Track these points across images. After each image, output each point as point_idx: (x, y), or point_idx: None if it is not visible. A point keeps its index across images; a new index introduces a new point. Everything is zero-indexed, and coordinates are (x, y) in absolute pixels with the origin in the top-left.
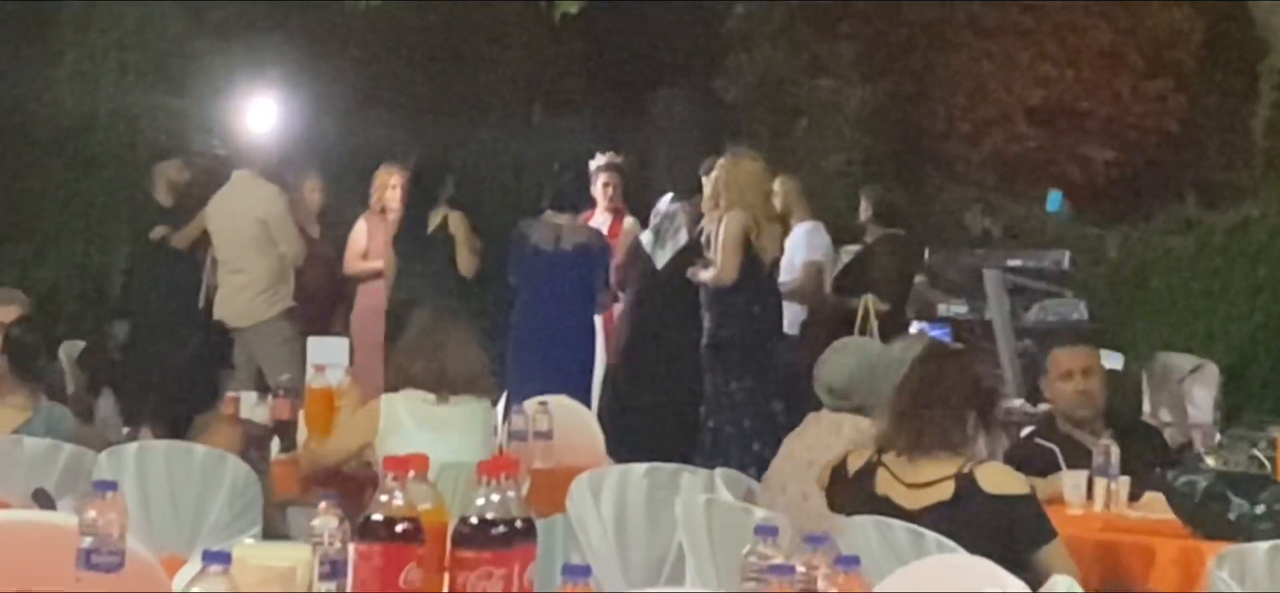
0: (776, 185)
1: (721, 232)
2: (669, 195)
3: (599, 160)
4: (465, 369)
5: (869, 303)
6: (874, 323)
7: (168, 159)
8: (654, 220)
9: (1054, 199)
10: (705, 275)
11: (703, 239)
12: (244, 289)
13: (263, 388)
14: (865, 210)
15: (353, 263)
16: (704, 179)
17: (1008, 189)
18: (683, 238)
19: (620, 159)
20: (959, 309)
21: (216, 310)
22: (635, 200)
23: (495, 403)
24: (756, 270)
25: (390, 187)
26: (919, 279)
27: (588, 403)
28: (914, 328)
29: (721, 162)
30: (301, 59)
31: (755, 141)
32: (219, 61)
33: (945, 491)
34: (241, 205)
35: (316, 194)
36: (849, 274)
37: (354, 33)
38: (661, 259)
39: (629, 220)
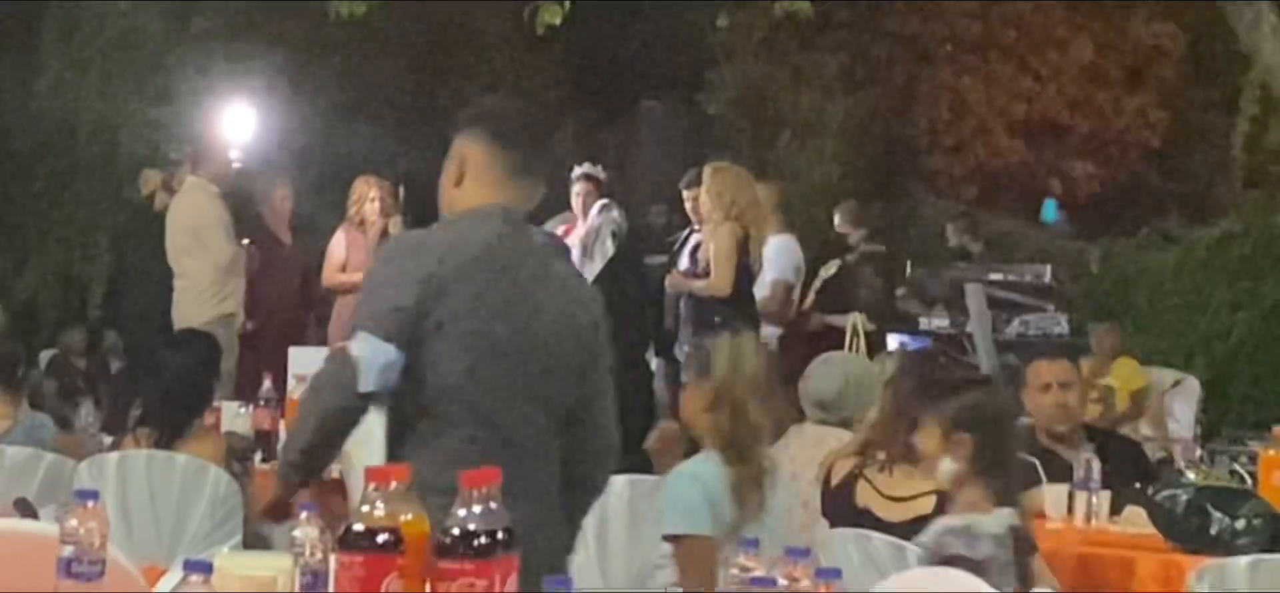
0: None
1: (714, 243)
2: (599, 205)
3: (576, 171)
4: None
5: (858, 322)
6: (862, 343)
7: (147, 168)
8: (584, 234)
9: (1049, 207)
10: (699, 286)
11: (691, 249)
12: (184, 291)
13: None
14: (843, 225)
15: (331, 275)
16: (685, 193)
17: (990, 203)
18: (610, 248)
19: (596, 169)
20: (940, 323)
21: (173, 316)
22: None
23: None
24: (745, 282)
25: (368, 199)
26: (900, 292)
27: None
28: (895, 342)
29: (708, 171)
30: (284, 69)
31: (738, 154)
32: (201, 71)
33: (926, 505)
34: (179, 212)
35: (288, 202)
36: (831, 291)
37: (336, 43)
38: (591, 272)
39: (704, 231)
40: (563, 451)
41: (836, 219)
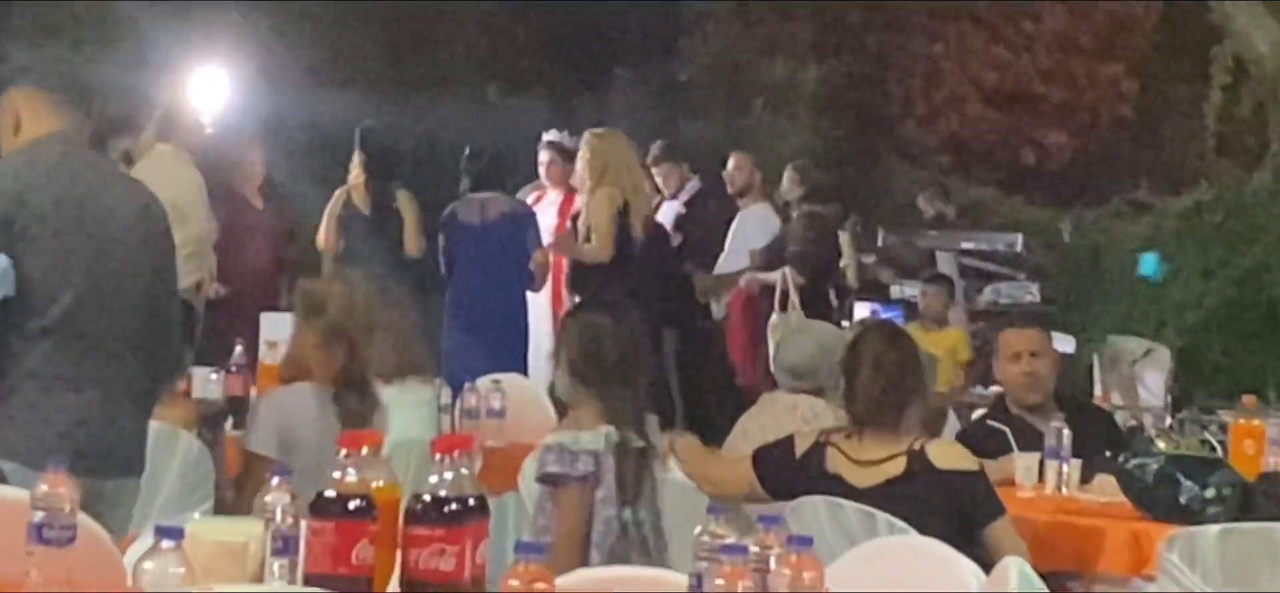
0: (733, 160)
1: (591, 211)
2: None
3: (544, 138)
4: (408, 353)
5: (787, 275)
6: (795, 296)
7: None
8: None
9: (1149, 262)
10: (580, 251)
11: (572, 215)
12: None
13: None
14: (788, 183)
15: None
16: (652, 167)
17: (963, 171)
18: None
19: (563, 137)
20: (912, 291)
21: None
22: None
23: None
24: (628, 249)
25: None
26: (870, 260)
27: (524, 372)
28: (867, 310)
29: (587, 136)
30: (258, 34)
31: (710, 121)
32: (175, 36)
33: (897, 467)
34: (154, 182)
35: (259, 166)
36: (767, 252)
37: (311, 9)
38: None
39: (580, 198)
40: (139, 341)
41: (784, 180)
